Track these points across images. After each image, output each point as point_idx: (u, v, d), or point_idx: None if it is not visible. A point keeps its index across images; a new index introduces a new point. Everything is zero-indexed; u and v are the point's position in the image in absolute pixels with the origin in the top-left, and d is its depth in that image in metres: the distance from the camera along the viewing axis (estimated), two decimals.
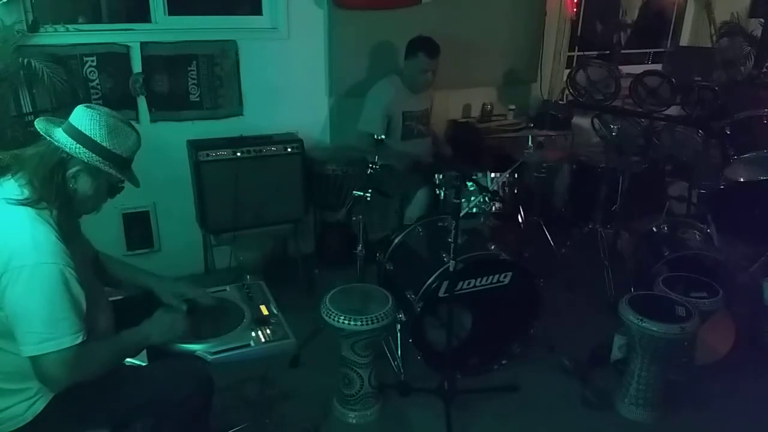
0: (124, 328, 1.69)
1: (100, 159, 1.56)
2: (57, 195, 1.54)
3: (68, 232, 1.59)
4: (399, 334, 2.70)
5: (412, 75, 3.45)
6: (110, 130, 1.58)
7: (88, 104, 1.61)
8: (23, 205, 1.52)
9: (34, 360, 1.47)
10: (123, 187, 1.70)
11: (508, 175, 3.01)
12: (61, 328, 1.47)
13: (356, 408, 2.46)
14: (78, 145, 1.54)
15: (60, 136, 1.55)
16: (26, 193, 1.53)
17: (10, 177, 1.58)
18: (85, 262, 1.65)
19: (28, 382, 1.55)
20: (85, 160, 1.55)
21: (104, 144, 1.57)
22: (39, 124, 1.57)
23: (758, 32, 5.08)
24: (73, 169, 1.56)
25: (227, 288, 2.12)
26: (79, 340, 1.49)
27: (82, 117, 1.57)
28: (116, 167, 1.59)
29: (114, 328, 1.71)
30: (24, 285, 1.44)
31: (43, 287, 1.45)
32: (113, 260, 1.96)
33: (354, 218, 2.87)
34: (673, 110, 4.20)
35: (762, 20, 5.08)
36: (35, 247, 1.46)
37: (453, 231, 2.29)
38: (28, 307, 1.45)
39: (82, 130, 1.55)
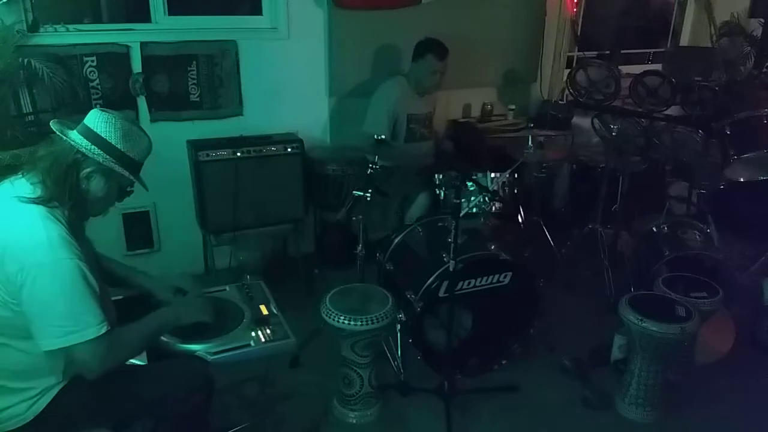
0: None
1: (115, 161, 1.59)
2: (70, 195, 1.56)
3: (76, 232, 1.60)
4: (399, 334, 2.70)
5: (420, 77, 3.44)
6: (125, 134, 1.61)
7: (102, 108, 1.64)
8: (35, 203, 1.53)
9: (67, 351, 1.49)
10: (132, 191, 1.73)
11: (508, 175, 3.01)
12: (84, 320, 1.49)
13: (356, 408, 2.46)
14: (93, 147, 1.57)
15: (75, 137, 1.58)
16: (38, 191, 1.55)
17: (21, 176, 1.60)
18: (91, 262, 1.66)
19: (32, 381, 1.56)
20: (100, 162, 1.57)
21: (119, 146, 1.60)
22: (54, 125, 1.59)
23: (758, 32, 5.07)
24: (87, 170, 1.58)
25: (227, 288, 2.12)
26: (104, 330, 1.51)
27: (97, 119, 1.60)
28: (129, 170, 1.62)
29: (116, 325, 1.71)
30: (45, 282, 1.45)
31: (64, 282, 1.47)
32: (109, 260, 1.97)
33: (354, 218, 2.86)
34: (673, 110, 4.20)
35: (762, 20, 5.06)
36: (50, 245, 1.48)
37: (453, 231, 2.29)
38: (50, 303, 1.46)
39: (98, 132, 1.58)
